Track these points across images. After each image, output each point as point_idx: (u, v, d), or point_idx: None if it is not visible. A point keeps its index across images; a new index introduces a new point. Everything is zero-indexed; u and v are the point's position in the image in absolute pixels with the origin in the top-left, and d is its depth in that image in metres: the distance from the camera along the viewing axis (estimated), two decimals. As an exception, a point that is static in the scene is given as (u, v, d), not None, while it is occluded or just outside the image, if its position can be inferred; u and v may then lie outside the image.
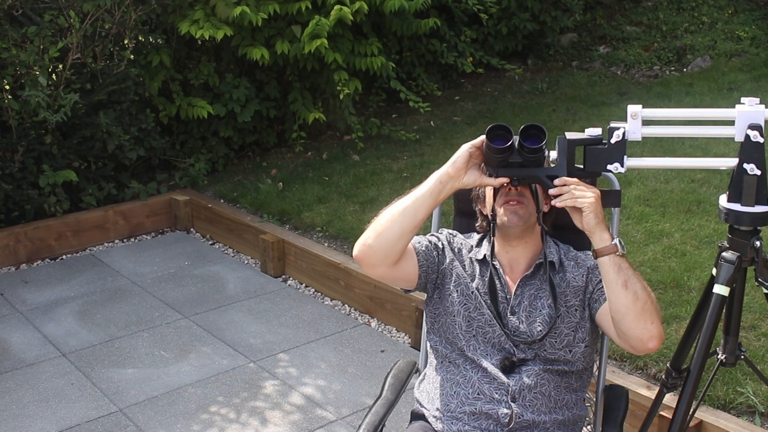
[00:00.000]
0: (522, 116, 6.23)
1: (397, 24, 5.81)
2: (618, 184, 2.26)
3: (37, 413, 3.25)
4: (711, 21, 7.72)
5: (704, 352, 1.98)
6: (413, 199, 1.98)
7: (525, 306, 2.06)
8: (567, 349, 2.03)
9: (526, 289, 2.08)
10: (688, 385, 1.99)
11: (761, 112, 1.83)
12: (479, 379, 2.02)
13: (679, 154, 5.05)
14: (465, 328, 2.07)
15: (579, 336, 2.04)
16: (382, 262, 2.01)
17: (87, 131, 4.99)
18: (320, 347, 3.72)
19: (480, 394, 2.01)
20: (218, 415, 3.22)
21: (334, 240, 4.49)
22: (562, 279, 2.08)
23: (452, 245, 2.19)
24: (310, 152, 5.89)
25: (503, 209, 2.04)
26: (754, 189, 1.84)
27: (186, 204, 5.17)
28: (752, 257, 1.94)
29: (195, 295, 4.26)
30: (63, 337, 3.84)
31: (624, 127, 1.93)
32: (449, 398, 2.05)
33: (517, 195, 2.03)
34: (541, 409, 1.99)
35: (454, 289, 2.11)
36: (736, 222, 1.93)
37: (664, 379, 2.35)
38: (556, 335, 2.03)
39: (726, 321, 2.07)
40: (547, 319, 2.02)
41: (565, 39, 7.87)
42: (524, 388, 1.99)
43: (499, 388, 2.00)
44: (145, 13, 5.00)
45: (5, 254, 4.63)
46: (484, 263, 2.12)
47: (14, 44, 4.50)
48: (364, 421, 2.08)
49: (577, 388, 2.08)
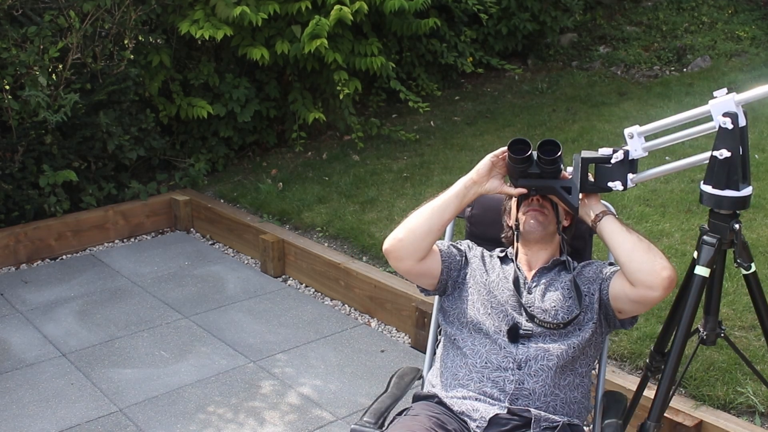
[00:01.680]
0: (522, 116, 6.23)
1: (397, 24, 5.81)
2: (613, 209, 2.41)
3: (37, 413, 3.25)
4: (711, 21, 7.72)
5: (686, 330, 2.07)
6: (441, 200, 2.21)
7: (541, 288, 2.21)
8: (576, 326, 2.14)
9: (543, 277, 2.25)
10: (670, 361, 2.08)
11: (730, 99, 1.98)
12: (487, 351, 2.14)
13: (679, 154, 5.05)
14: (481, 310, 2.19)
15: (587, 317, 2.16)
16: (410, 255, 2.20)
17: (87, 131, 4.99)
18: (320, 347, 3.72)
19: (487, 363, 2.12)
20: (217, 415, 3.22)
21: (334, 240, 4.49)
22: (573, 273, 2.25)
23: (472, 249, 2.38)
24: (310, 152, 5.90)
25: (525, 216, 2.26)
26: (725, 172, 1.97)
27: (186, 204, 5.17)
28: (731, 240, 2.05)
29: (195, 295, 4.26)
30: (63, 337, 3.84)
31: (625, 149, 2.12)
32: (457, 369, 2.16)
33: (538, 206, 2.25)
34: (546, 381, 2.08)
35: (472, 278, 2.27)
36: (717, 206, 2.03)
37: (648, 363, 2.41)
38: (567, 312, 2.15)
39: (707, 301, 2.16)
40: (560, 298, 2.16)
41: (565, 39, 7.87)
42: (530, 358, 2.10)
43: (506, 357, 2.11)
44: (145, 13, 5.00)
45: (5, 254, 4.63)
46: (505, 260, 2.32)
47: (14, 44, 4.50)
48: (370, 408, 2.13)
49: (582, 374, 2.16)
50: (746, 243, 2.09)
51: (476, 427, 2.05)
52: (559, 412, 2.09)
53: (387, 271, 4.05)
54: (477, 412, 2.06)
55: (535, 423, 2.03)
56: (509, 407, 2.05)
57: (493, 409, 2.05)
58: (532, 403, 2.07)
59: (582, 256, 2.43)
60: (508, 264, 2.30)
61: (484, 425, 2.03)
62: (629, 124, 2.23)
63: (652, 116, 5.82)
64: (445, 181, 4.96)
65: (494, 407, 2.06)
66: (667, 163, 2.16)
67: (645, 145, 2.10)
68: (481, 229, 2.51)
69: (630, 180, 2.12)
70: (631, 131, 2.10)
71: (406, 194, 4.86)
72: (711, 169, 2.00)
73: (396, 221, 4.50)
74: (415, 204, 4.63)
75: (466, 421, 2.07)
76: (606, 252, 2.28)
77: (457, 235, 3.05)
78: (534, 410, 2.04)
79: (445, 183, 4.97)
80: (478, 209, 2.53)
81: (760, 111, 5.46)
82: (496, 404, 2.06)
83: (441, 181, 4.94)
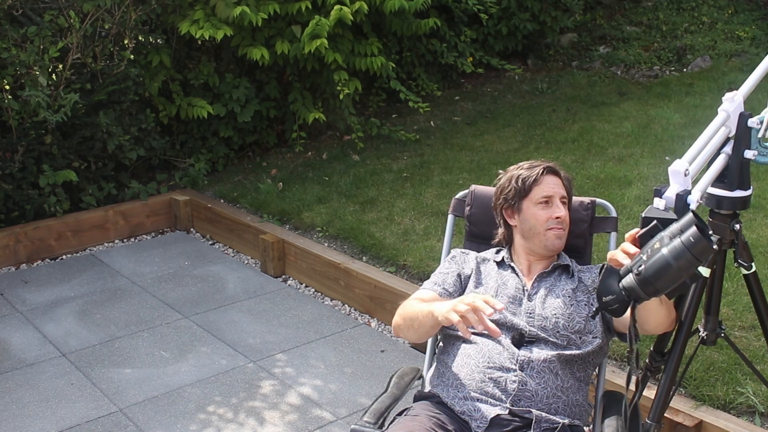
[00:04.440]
0: (522, 116, 6.23)
1: (397, 24, 5.81)
2: (614, 212, 2.45)
3: (37, 413, 3.25)
4: (711, 21, 7.72)
5: (687, 330, 2.08)
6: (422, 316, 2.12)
7: (541, 295, 2.21)
8: (578, 335, 2.15)
9: (543, 283, 2.25)
10: (670, 361, 2.10)
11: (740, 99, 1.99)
12: (490, 350, 2.13)
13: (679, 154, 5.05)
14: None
15: (589, 327, 2.17)
16: (417, 341, 2.33)
17: (87, 131, 4.99)
18: (320, 347, 3.72)
19: (490, 362, 2.12)
20: (217, 415, 3.22)
21: (334, 240, 4.49)
22: (573, 281, 2.26)
23: (467, 263, 2.36)
24: (310, 152, 5.89)
25: (551, 233, 2.27)
26: (743, 172, 1.97)
27: (186, 204, 5.17)
28: (732, 240, 2.06)
29: (195, 295, 4.26)
30: (63, 337, 3.84)
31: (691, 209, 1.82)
32: (459, 368, 2.15)
33: (561, 223, 2.28)
34: (547, 383, 2.08)
35: (475, 288, 2.28)
36: (717, 206, 2.04)
37: (648, 363, 2.40)
38: (569, 320, 2.15)
39: (707, 301, 2.18)
40: (561, 306, 2.16)
41: (565, 39, 7.87)
42: (533, 360, 2.09)
43: (509, 358, 2.10)
44: (145, 13, 5.00)
45: (5, 254, 4.63)
46: (502, 265, 2.32)
47: (14, 44, 4.50)
48: (371, 408, 2.13)
49: (581, 378, 2.16)
50: (746, 243, 2.10)
51: (477, 427, 2.04)
52: (560, 413, 2.08)
53: (387, 271, 4.05)
54: (478, 412, 2.06)
55: (536, 424, 2.02)
56: (511, 408, 2.05)
57: (495, 410, 2.04)
58: (534, 404, 2.06)
59: (582, 255, 2.43)
60: (505, 269, 2.30)
61: (485, 425, 2.03)
62: (629, 123, 2.22)
63: (652, 116, 5.82)
64: (445, 181, 4.97)
65: (496, 408, 2.05)
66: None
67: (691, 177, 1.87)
68: (480, 228, 2.50)
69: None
70: (682, 167, 1.80)
71: (406, 194, 4.85)
72: (729, 171, 1.99)
73: (396, 221, 4.53)
74: (415, 204, 4.67)
75: (467, 421, 2.07)
76: (605, 252, 2.28)
77: (457, 235, 3.06)
78: (536, 411, 2.04)
79: (445, 183, 5.02)
80: (477, 208, 2.52)
81: (760, 111, 5.45)
82: (497, 404, 2.06)
83: (441, 181, 4.94)
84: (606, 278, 1.81)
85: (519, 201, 2.31)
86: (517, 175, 2.32)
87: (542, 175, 2.30)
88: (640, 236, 1.78)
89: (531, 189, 2.29)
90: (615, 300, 1.78)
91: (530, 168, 2.32)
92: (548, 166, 2.33)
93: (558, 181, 2.32)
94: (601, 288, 1.83)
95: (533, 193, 2.29)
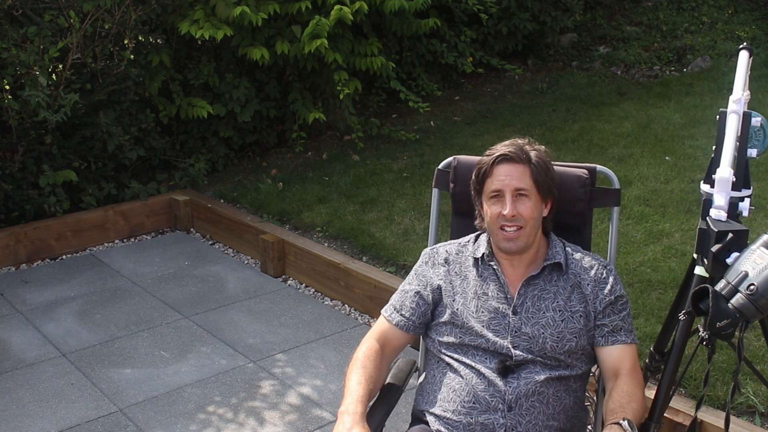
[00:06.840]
0: (522, 116, 6.23)
1: (397, 24, 5.81)
2: (618, 183, 2.28)
3: (37, 413, 3.25)
4: (711, 21, 7.72)
5: (686, 330, 2.04)
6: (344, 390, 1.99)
7: (528, 307, 2.01)
8: (567, 354, 1.99)
9: (530, 289, 2.03)
10: (670, 361, 2.06)
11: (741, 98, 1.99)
12: (475, 386, 1.98)
13: (679, 154, 5.05)
14: (460, 335, 2.04)
15: (581, 343, 2.01)
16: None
17: (87, 131, 4.99)
18: (320, 347, 3.72)
19: (476, 403, 1.97)
20: (217, 415, 3.22)
21: (334, 240, 4.49)
22: (567, 281, 2.04)
23: (436, 266, 2.14)
24: (310, 152, 5.90)
25: (501, 235, 2.00)
26: (747, 171, 1.94)
27: (186, 204, 5.17)
28: None
29: (195, 295, 4.26)
30: (63, 337, 3.84)
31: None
32: (446, 403, 2.02)
33: (512, 221, 1.98)
34: (539, 418, 1.95)
35: (450, 305, 2.07)
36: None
37: (647, 363, 2.39)
38: (558, 340, 1.98)
39: None
40: (551, 323, 1.98)
41: (565, 39, 7.87)
42: (521, 396, 1.94)
43: (495, 395, 1.95)
44: (145, 13, 5.00)
45: (5, 254, 4.63)
46: (482, 264, 2.08)
47: (14, 44, 4.50)
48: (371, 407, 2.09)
49: (576, 389, 2.05)
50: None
51: None
52: None
53: (387, 271, 4.05)
54: None
55: None
56: None
57: None
58: None
59: (582, 235, 2.25)
60: (485, 269, 2.07)
61: None
62: (629, 123, 2.20)
63: (652, 116, 5.83)
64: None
65: None
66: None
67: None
68: (466, 206, 2.25)
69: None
70: (728, 174, 1.82)
71: (406, 194, 4.86)
72: (737, 171, 1.97)
73: (396, 221, 4.53)
74: (415, 204, 4.68)
75: None
76: (606, 237, 2.18)
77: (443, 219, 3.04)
78: None
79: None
80: (461, 186, 2.30)
81: (760, 112, 5.45)
82: None
83: (441, 181, 4.94)
84: (717, 303, 1.75)
85: (479, 196, 2.09)
86: (478, 164, 2.07)
87: (494, 165, 2.01)
88: (717, 251, 1.77)
89: (484, 182, 2.04)
90: (730, 324, 1.74)
91: (489, 155, 2.04)
92: (503, 153, 2.00)
93: (514, 171, 1.99)
94: (715, 314, 1.76)
95: (485, 186, 2.03)
